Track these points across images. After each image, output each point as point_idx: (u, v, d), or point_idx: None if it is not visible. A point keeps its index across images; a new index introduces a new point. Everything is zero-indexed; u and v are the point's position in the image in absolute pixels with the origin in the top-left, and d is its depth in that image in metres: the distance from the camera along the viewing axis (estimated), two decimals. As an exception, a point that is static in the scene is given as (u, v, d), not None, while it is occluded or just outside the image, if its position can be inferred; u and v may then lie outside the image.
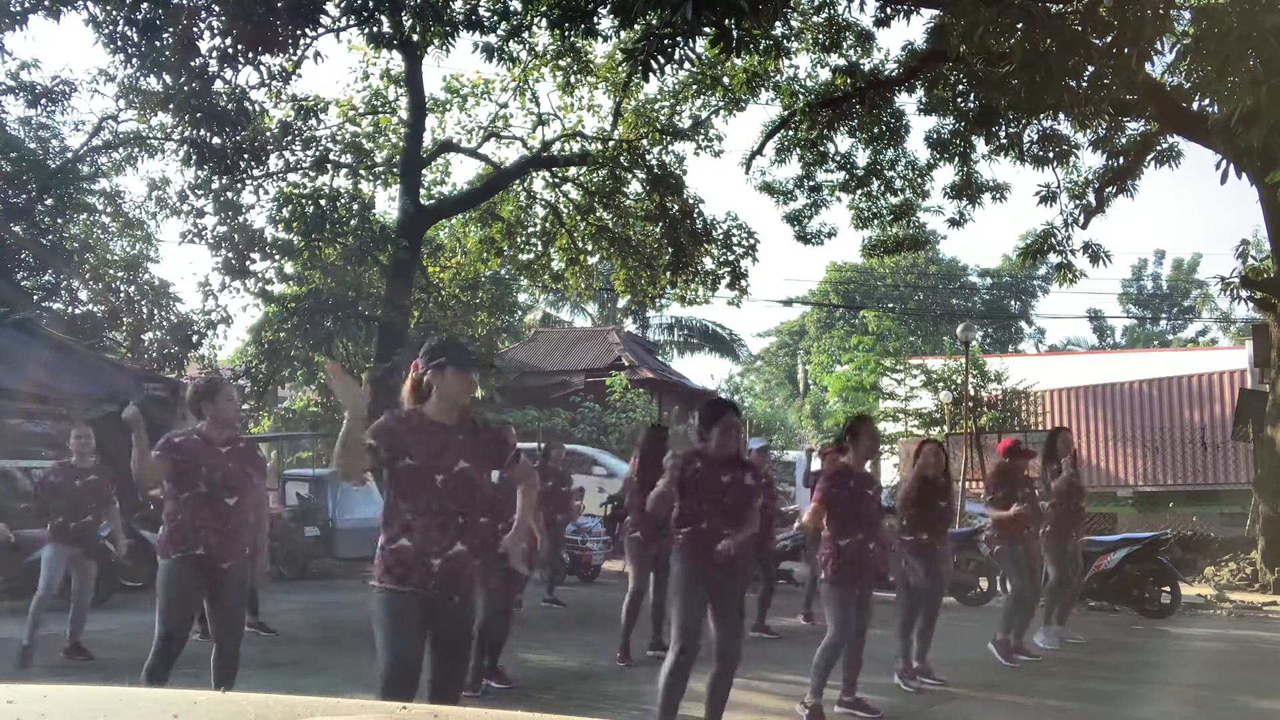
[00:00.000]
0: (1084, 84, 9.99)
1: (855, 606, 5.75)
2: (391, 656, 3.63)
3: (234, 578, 4.90)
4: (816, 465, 10.10)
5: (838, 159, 16.80)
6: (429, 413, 3.78)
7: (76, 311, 18.28)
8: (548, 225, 19.74)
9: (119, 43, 11.15)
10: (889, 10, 13.83)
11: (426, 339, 4.04)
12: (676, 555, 5.00)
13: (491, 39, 13.69)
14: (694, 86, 17.56)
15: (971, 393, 22.99)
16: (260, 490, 5.23)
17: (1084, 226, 14.60)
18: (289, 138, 16.38)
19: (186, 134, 13.12)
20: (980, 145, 15.30)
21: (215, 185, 16.20)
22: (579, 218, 19.37)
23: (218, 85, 11.80)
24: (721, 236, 18.24)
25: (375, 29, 12.88)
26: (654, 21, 8.65)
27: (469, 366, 3.85)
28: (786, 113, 16.04)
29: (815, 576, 5.94)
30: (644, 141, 17.92)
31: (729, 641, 4.97)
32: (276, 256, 17.41)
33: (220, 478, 4.85)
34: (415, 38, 13.45)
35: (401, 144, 18.04)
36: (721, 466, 5.00)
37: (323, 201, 16.99)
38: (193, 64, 11.29)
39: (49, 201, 17.31)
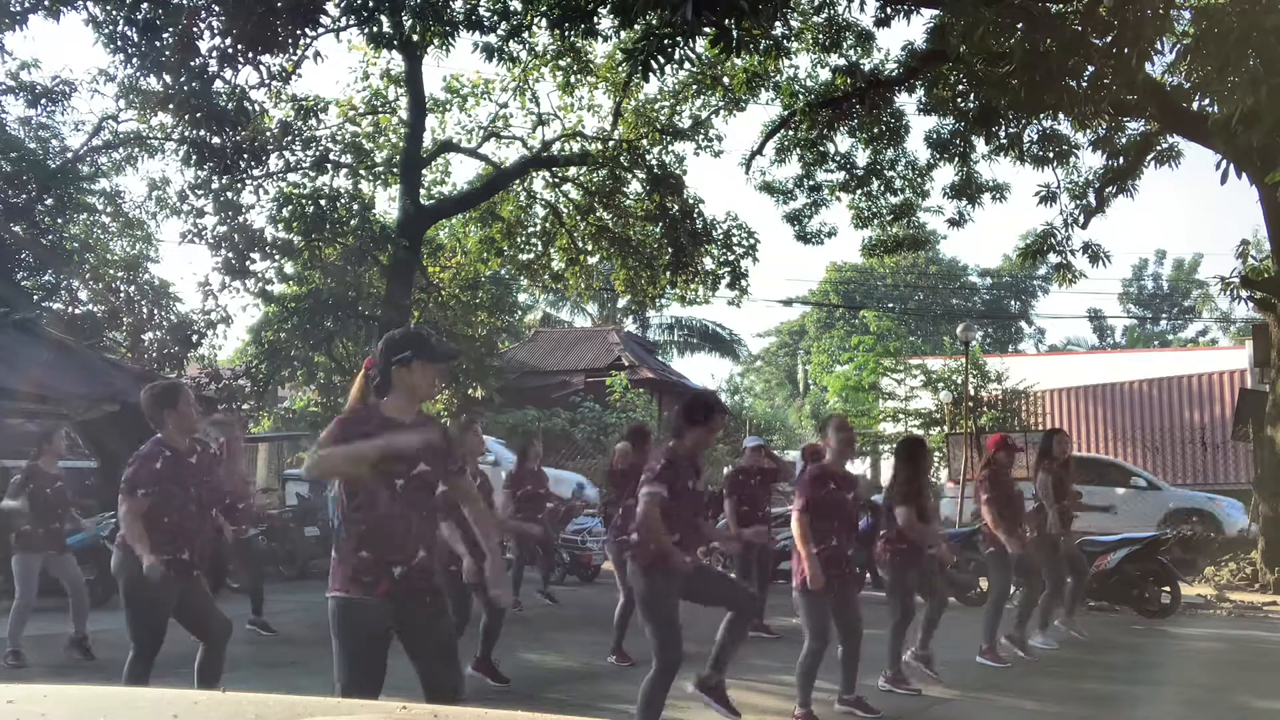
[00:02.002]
0: (1084, 84, 9.98)
1: (831, 612, 5.68)
2: (352, 673, 3.47)
3: (200, 580, 4.94)
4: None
5: (838, 159, 16.79)
6: (387, 411, 3.59)
7: (76, 311, 18.28)
8: (548, 225, 19.73)
9: (119, 43, 11.14)
10: (889, 10, 13.81)
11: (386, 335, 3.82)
12: (639, 570, 4.79)
13: (491, 39, 13.68)
14: (694, 86, 17.55)
15: (971, 393, 22.99)
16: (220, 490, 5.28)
17: (1084, 226, 14.61)
18: (289, 138, 16.36)
19: (186, 134, 13.13)
20: (980, 145, 15.29)
21: (215, 185, 16.18)
22: (579, 218, 19.37)
23: (218, 85, 11.82)
24: (721, 236, 18.24)
25: (375, 29, 12.86)
26: (654, 21, 8.64)
27: (437, 359, 3.69)
28: (786, 113, 16.03)
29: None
30: (644, 141, 17.92)
31: (740, 598, 5.09)
32: (276, 256, 17.39)
33: (199, 494, 4.90)
34: (415, 38, 13.44)
35: (401, 144, 18.04)
36: (689, 471, 4.88)
37: (323, 201, 16.97)
38: (193, 64, 11.29)
39: (49, 201, 17.31)
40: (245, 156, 13.82)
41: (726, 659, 5.26)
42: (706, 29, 8.24)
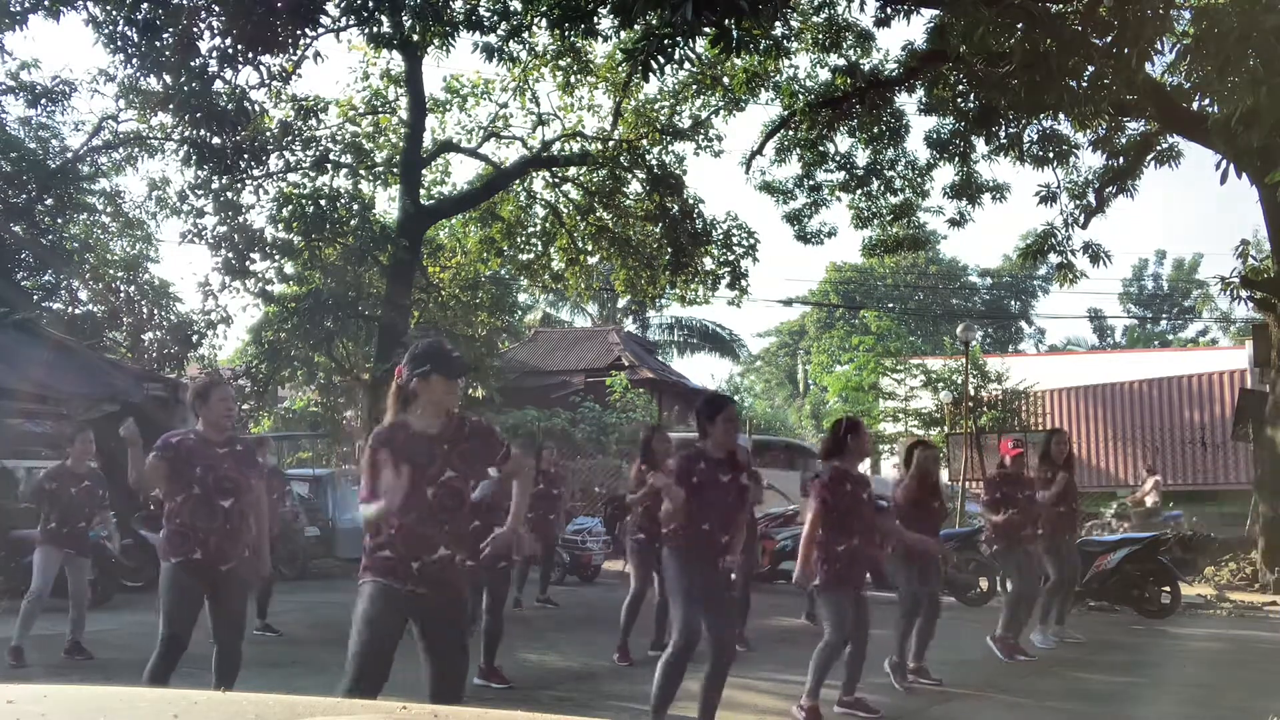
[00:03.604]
0: (1084, 84, 9.99)
1: (851, 608, 5.76)
2: (361, 642, 3.64)
3: (234, 579, 4.91)
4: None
5: (838, 159, 16.78)
6: (414, 424, 3.77)
7: (76, 311, 18.29)
8: (548, 225, 19.73)
9: (119, 43, 11.14)
10: (889, 10, 13.81)
11: (414, 341, 4.01)
12: (672, 554, 5.02)
13: (491, 39, 13.68)
14: (694, 86, 17.55)
15: (971, 393, 22.99)
16: (257, 492, 5.19)
17: (1084, 226, 14.62)
18: (289, 138, 16.36)
19: (186, 134, 13.12)
20: (980, 145, 15.30)
21: (215, 185, 16.18)
22: (579, 218, 19.36)
23: (218, 85, 11.80)
24: (721, 236, 18.23)
25: (375, 29, 12.86)
26: (654, 21, 8.64)
27: (455, 374, 3.84)
28: (786, 113, 16.03)
29: (810, 581, 5.93)
30: (644, 141, 17.91)
31: (722, 633, 5.01)
32: (276, 256, 17.39)
33: (215, 479, 4.84)
34: (415, 38, 13.43)
35: (401, 144, 18.03)
36: (721, 465, 5.03)
37: (323, 201, 16.96)
38: (193, 64, 11.28)
39: (49, 201, 17.31)
40: (245, 156, 13.81)
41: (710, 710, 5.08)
42: (706, 29, 8.25)
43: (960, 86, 14.59)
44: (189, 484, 4.80)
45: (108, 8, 11.08)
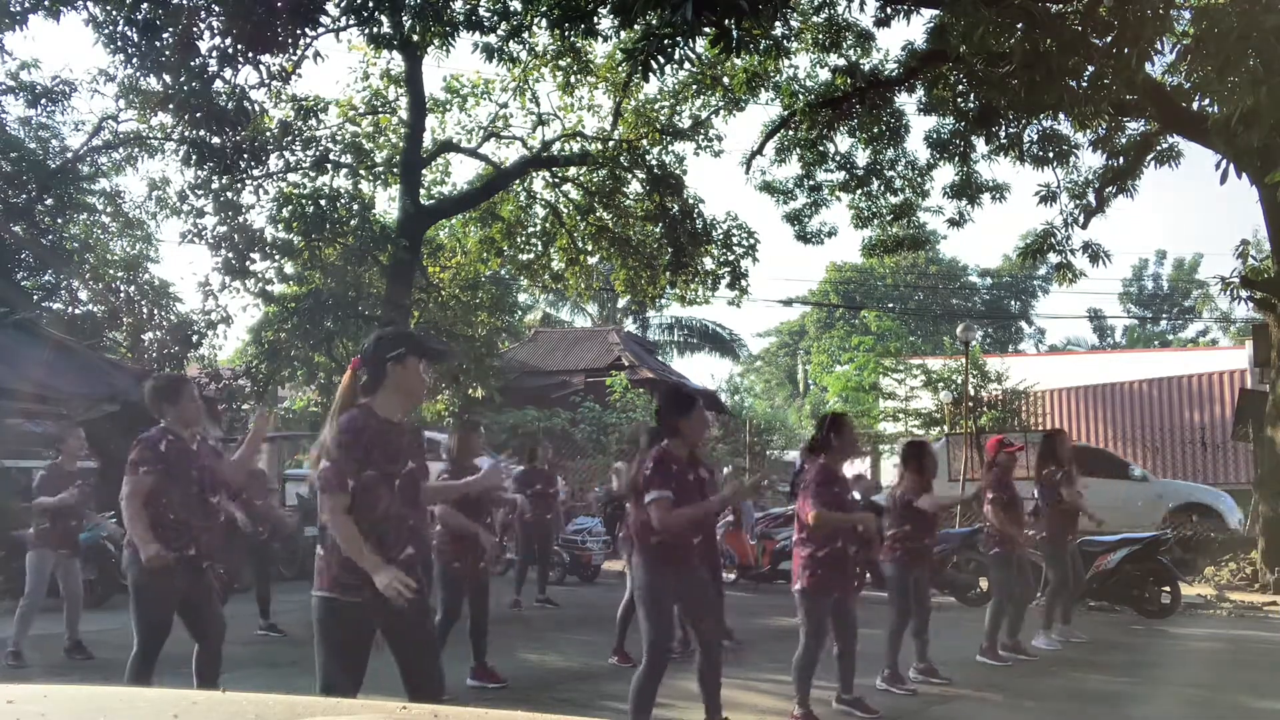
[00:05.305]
0: (1084, 84, 9.99)
1: (830, 615, 5.64)
2: (335, 669, 3.49)
3: (208, 576, 4.92)
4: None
5: (838, 159, 16.77)
6: (379, 411, 3.57)
7: (76, 311, 18.30)
8: (548, 225, 19.73)
9: (119, 43, 11.15)
10: (889, 10, 13.81)
11: (376, 334, 3.82)
12: (643, 563, 4.83)
13: (491, 39, 13.69)
14: (694, 86, 17.55)
15: (971, 393, 22.98)
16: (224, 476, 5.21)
17: (1084, 226, 14.61)
18: (289, 138, 16.36)
19: (186, 134, 13.13)
20: (980, 145, 15.29)
21: (215, 185, 16.18)
22: (579, 218, 19.36)
23: (218, 85, 11.80)
24: (721, 236, 18.23)
25: (375, 29, 12.86)
26: (654, 21, 8.64)
27: (431, 356, 3.72)
28: (786, 113, 16.02)
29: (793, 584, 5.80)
30: (644, 141, 17.91)
31: (709, 631, 4.92)
32: (276, 256, 17.39)
33: (205, 477, 4.87)
34: (415, 38, 13.44)
35: (401, 144, 18.04)
36: (687, 464, 4.88)
37: (323, 201, 16.97)
38: (193, 64, 11.28)
39: (49, 201, 17.33)
40: (245, 156, 13.81)
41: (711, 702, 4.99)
42: (706, 29, 8.24)
43: (960, 86, 14.58)
44: (186, 485, 4.79)
45: (108, 8, 11.08)
